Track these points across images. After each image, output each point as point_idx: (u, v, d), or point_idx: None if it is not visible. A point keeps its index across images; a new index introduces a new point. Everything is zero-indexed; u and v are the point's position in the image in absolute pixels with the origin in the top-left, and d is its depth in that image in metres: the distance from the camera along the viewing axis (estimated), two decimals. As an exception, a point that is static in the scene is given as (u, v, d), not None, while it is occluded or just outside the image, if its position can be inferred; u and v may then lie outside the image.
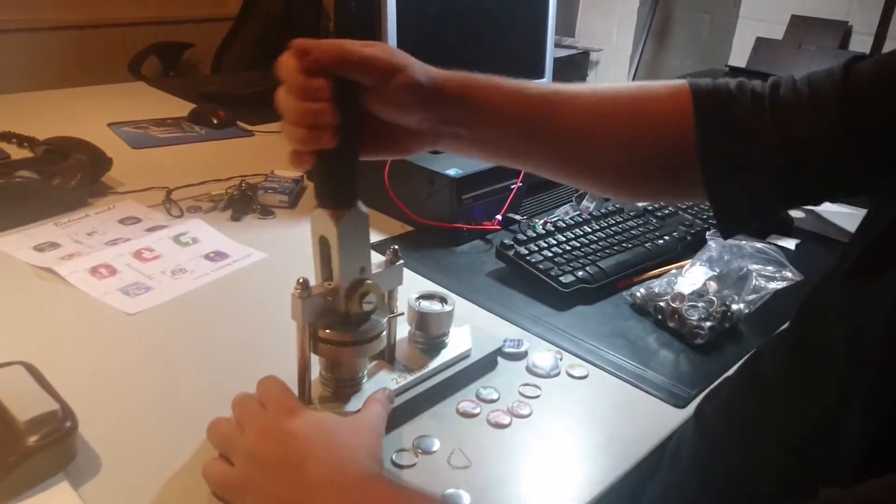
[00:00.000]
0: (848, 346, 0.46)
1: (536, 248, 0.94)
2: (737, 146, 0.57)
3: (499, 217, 1.06)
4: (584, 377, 0.76)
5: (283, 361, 0.65)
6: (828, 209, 1.21)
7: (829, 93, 0.54)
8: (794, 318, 0.58)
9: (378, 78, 0.54)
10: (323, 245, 0.59)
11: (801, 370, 0.54)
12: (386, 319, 0.64)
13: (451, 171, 1.02)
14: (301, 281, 0.59)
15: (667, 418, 0.70)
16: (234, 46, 2.72)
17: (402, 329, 0.72)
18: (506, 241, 0.95)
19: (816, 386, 0.50)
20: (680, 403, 0.73)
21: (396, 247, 0.65)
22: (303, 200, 1.16)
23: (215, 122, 1.49)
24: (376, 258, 0.66)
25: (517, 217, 1.07)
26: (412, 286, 0.75)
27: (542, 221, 1.04)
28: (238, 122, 1.53)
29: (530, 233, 0.98)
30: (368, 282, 0.60)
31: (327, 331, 0.60)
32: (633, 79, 1.58)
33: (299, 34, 0.55)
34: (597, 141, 0.61)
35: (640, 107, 0.61)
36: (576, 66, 1.94)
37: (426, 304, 0.72)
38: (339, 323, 0.61)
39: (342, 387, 0.65)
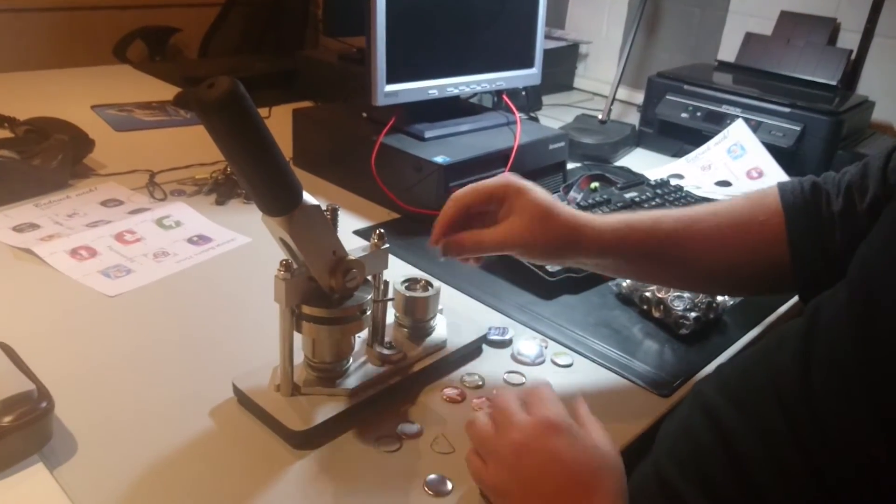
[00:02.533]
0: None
1: (523, 237, 0.93)
2: (828, 266, 0.64)
3: (486, 205, 1.05)
4: (569, 366, 0.76)
5: (266, 346, 0.65)
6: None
7: None
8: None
9: (517, 253, 0.68)
10: (285, 244, 0.58)
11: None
12: (370, 298, 0.63)
13: (439, 158, 1.01)
14: (284, 263, 0.58)
15: (651, 407, 0.70)
16: (221, 31, 2.69)
17: (388, 315, 0.71)
18: (493, 230, 0.94)
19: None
20: (664, 392, 0.72)
21: (382, 230, 0.64)
22: (288, 186, 1.15)
23: (201, 106, 1.47)
24: (361, 243, 0.65)
25: (504, 206, 1.07)
26: (398, 273, 0.74)
27: (529, 210, 1.03)
28: (224, 107, 1.51)
29: (517, 221, 0.97)
30: (350, 258, 0.60)
31: (310, 308, 0.60)
32: (623, 71, 1.57)
33: (287, 20, 0.54)
34: (707, 267, 0.70)
35: (744, 235, 0.68)
36: (565, 58, 1.94)
37: (411, 288, 0.71)
38: (323, 300, 0.60)
39: (327, 370, 0.64)
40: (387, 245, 0.65)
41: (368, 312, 0.64)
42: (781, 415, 0.47)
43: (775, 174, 1.27)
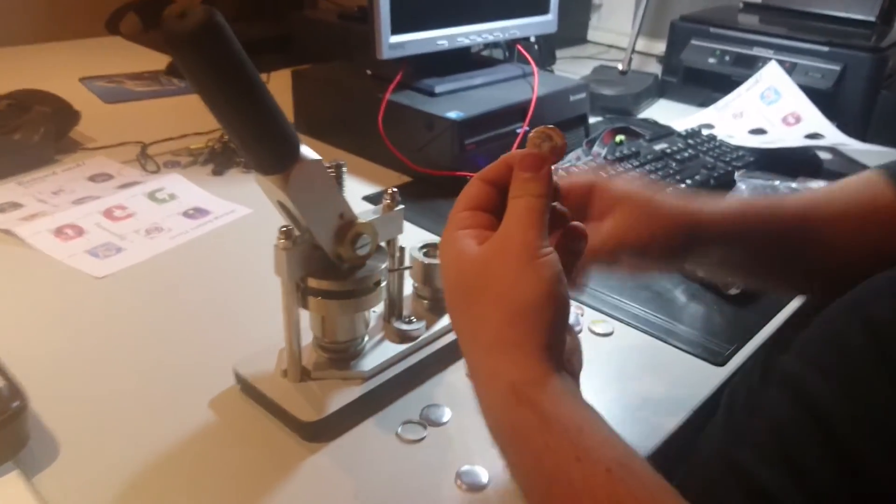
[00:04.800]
0: None
1: (549, 195, 0.85)
2: None
3: (505, 164, 0.97)
4: (609, 334, 0.68)
5: (271, 326, 0.57)
6: (855, 148, 1.12)
7: None
8: None
9: (631, 259, 0.53)
10: (284, 208, 0.50)
11: None
12: (385, 267, 0.55)
13: (452, 114, 0.93)
14: (284, 230, 0.50)
15: (704, 378, 0.62)
16: (217, 1, 2.58)
17: (406, 285, 0.64)
18: (514, 189, 0.86)
19: None
20: (719, 360, 0.65)
21: (395, 189, 0.56)
22: (290, 152, 1.07)
23: (195, 73, 1.38)
24: (372, 208, 0.57)
25: (525, 164, 0.98)
26: (413, 239, 0.66)
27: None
28: (220, 74, 1.42)
29: (541, 179, 0.89)
30: (360, 221, 0.52)
31: (317, 281, 0.52)
32: (641, 23, 1.47)
33: None
34: (839, 257, 0.56)
35: (871, 221, 0.56)
36: (578, 8, 1.83)
37: (430, 255, 0.64)
38: (331, 272, 0.52)
39: (340, 350, 0.57)
40: (401, 206, 0.57)
41: (384, 283, 0.56)
42: (889, 381, 0.39)
43: (814, 119, 1.17)
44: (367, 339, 0.59)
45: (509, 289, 0.38)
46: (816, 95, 1.19)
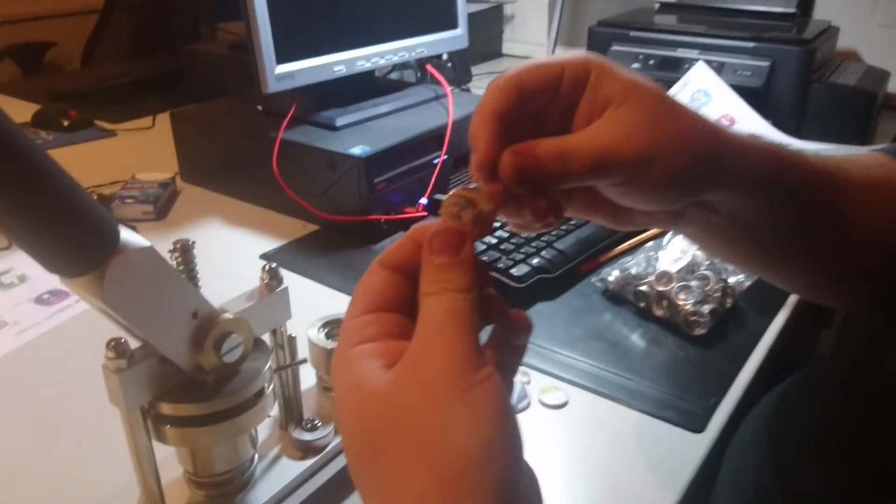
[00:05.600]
0: None
1: (476, 235, 0.73)
2: None
3: (423, 201, 0.85)
4: (563, 405, 0.56)
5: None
6: (797, 147, 1.05)
7: None
8: None
9: (623, 178, 0.35)
10: (111, 316, 0.36)
11: None
12: (269, 368, 0.42)
13: (357, 150, 0.80)
14: (113, 344, 0.36)
15: (683, 451, 0.51)
16: (105, 39, 2.39)
17: (308, 376, 0.51)
18: (436, 231, 0.74)
19: None
20: (695, 425, 0.54)
21: (273, 265, 0.43)
22: (175, 208, 0.92)
23: (66, 123, 1.22)
24: (247, 283, 0.44)
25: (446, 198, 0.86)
26: (319, 306, 0.53)
27: (477, 200, 0.83)
28: (96, 122, 1.26)
29: (465, 216, 0.77)
30: (225, 316, 0.38)
31: (173, 405, 0.38)
32: (559, 27, 1.38)
33: (177, 14, 0.31)
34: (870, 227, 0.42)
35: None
36: (490, 21, 1.74)
37: (335, 335, 0.51)
38: (193, 389, 0.39)
39: (220, 483, 0.43)
40: (283, 286, 0.43)
41: (270, 389, 0.42)
42: None
43: (749, 119, 1.10)
44: (256, 460, 0.45)
45: (435, 438, 0.25)
46: (748, 94, 1.12)
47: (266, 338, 0.44)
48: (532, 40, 1.74)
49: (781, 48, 1.13)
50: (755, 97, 1.12)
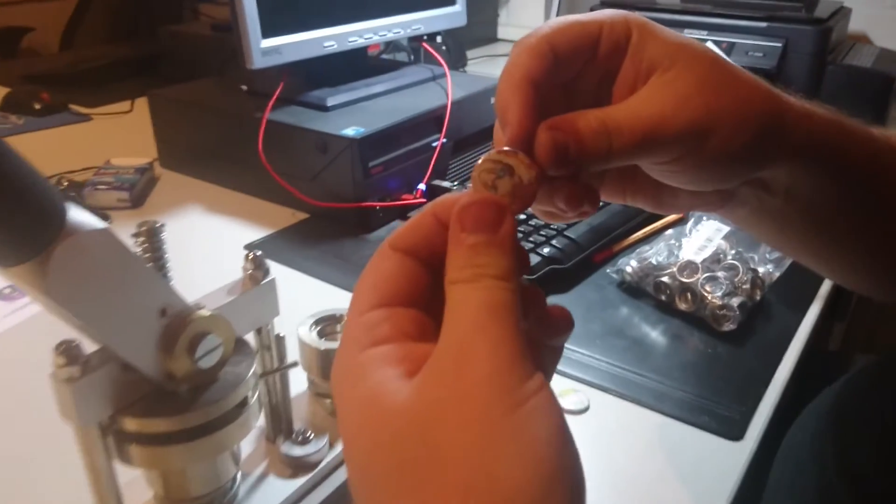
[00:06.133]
0: None
1: (481, 223, 0.67)
2: None
3: (422, 186, 0.79)
4: (584, 410, 0.50)
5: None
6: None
7: None
8: None
9: (675, 153, 0.30)
10: (61, 314, 0.30)
11: None
12: (253, 373, 0.36)
13: (350, 131, 0.74)
14: (63, 347, 0.30)
15: (721, 460, 0.46)
16: (85, 22, 2.31)
17: (299, 380, 0.45)
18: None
19: None
20: (733, 432, 0.48)
21: (258, 252, 0.37)
22: (152, 196, 0.86)
23: (38, 107, 1.15)
24: (231, 273, 0.38)
25: (446, 184, 0.80)
26: (310, 301, 0.47)
27: (480, 185, 0.77)
28: (70, 106, 1.19)
29: (468, 202, 0.71)
30: (201, 313, 0.32)
31: (138, 420, 0.32)
32: (559, 8, 1.32)
33: None
34: None
35: None
36: (485, 4, 1.68)
37: (328, 333, 0.45)
38: (162, 401, 0.32)
39: (196, 508, 0.37)
40: (270, 278, 0.37)
41: (255, 398, 0.36)
42: None
43: (762, 103, 1.04)
44: (239, 479, 0.39)
45: (480, 471, 0.20)
46: (760, 76, 1.06)
47: (250, 338, 0.38)
48: (529, 24, 1.68)
49: (795, 28, 1.07)
50: (767, 79, 1.05)
